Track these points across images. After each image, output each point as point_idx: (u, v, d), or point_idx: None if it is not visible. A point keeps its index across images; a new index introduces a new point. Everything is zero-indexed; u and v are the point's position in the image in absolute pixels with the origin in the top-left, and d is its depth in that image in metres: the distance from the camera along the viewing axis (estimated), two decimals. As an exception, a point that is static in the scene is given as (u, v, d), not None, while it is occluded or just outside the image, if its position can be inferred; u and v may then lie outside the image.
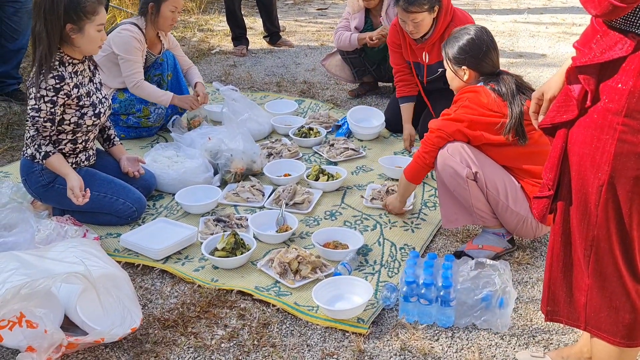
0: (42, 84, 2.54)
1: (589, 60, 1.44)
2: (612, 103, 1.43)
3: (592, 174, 1.49)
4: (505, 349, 2.11)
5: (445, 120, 2.52)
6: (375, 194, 3.10)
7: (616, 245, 1.52)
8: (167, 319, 2.22)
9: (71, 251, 2.20)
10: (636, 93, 1.39)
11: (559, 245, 1.63)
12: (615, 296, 1.56)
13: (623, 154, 1.44)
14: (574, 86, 1.49)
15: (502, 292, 2.18)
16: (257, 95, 4.57)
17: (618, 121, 1.43)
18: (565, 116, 1.52)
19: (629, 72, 1.40)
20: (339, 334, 2.17)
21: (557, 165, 1.57)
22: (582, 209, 1.54)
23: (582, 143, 1.50)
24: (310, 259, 2.48)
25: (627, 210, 1.48)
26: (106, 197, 2.74)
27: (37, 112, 2.57)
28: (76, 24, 2.56)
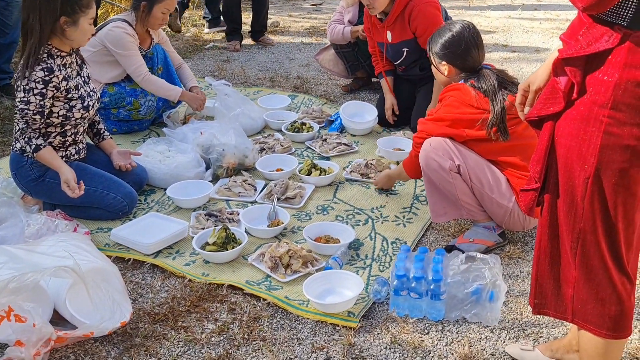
0: (31, 76, 2.53)
1: (576, 52, 1.44)
2: (598, 95, 1.43)
3: (578, 167, 1.49)
4: (495, 342, 2.11)
5: (430, 120, 2.59)
6: (355, 167, 3.26)
7: (602, 237, 1.52)
8: (157, 313, 2.22)
9: (61, 245, 2.19)
10: (622, 85, 1.39)
11: (546, 238, 1.63)
12: (601, 288, 1.56)
13: (609, 146, 1.44)
14: (560, 78, 1.49)
15: (492, 285, 2.18)
16: (250, 91, 4.56)
17: (604, 113, 1.42)
18: (552, 108, 1.52)
19: (614, 65, 1.40)
20: (330, 328, 2.17)
21: (544, 157, 1.57)
22: (569, 202, 1.54)
23: (569, 135, 1.50)
24: (302, 253, 2.47)
25: (612, 203, 1.48)
26: (97, 192, 2.73)
27: (26, 105, 2.55)
28: (71, 16, 2.55)
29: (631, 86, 1.38)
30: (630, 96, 1.39)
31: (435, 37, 2.62)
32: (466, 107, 2.46)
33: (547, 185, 1.60)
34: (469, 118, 2.47)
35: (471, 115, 2.46)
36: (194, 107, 3.63)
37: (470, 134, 2.49)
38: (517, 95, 1.72)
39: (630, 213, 1.51)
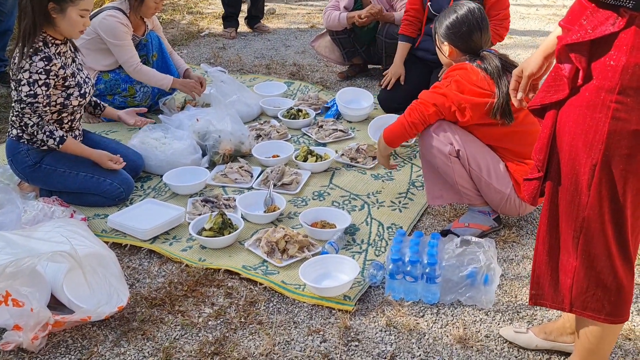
0: (32, 67, 2.51)
1: (580, 37, 1.41)
2: (604, 80, 1.40)
3: (584, 154, 1.47)
4: (489, 324, 2.13)
5: (437, 94, 2.48)
6: (346, 151, 3.27)
7: (609, 224, 1.51)
8: (154, 298, 2.23)
9: (57, 231, 2.20)
10: (629, 69, 1.37)
11: (545, 228, 1.62)
12: (603, 275, 1.56)
13: (617, 132, 1.42)
14: (564, 65, 1.47)
15: (487, 268, 2.20)
16: (247, 78, 4.55)
17: (611, 99, 1.40)
18: (555, 96, 1.49)
19: (621, 49, 1.37)
20: (326, 311, 2.19)
21: (547, 146, 1.55)
22: (572, 190, 1.52)
23: (574, 122, 1.47)
24: (298, 238, 2.49)
25: (621, 189, 1.47)
26: (93, 178, 2.73)
27: (34, 98, 2.54)
28: (59, 3, 2.53)
29: (639, 70, 1.36)
30: (638, 80, 1.37)
31: (442, 17, 2.61)
32: (474, 87, 2.43)
33: (549, 175, 1.58)
34: (476, 101, 2.42)
35: (478, 99, 2.42)
36: (188, 92, 3.61)
37: (472, 119, 2.46)
38: (511, 80, 1.71)
39: (638, 199, 1.49)
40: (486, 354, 1.99)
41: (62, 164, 2.71)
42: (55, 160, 2.70)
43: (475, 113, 2.44)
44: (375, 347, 2.02)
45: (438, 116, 2.48)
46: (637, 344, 2.02)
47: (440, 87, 2.51)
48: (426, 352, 2.01)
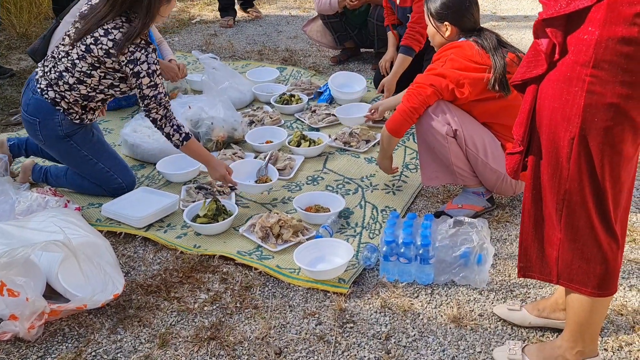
0: (149, 58, 2.47)
1: (556, 12, 1.43)
2: (579, 55, 1.42)
3: (562, 128, 1.49)
4: (483, 303, 2.15)
5: (433, 75, 2.46)
6: (339, 135, 3.29)
7: (589, 197, 1.53)
8: (150, 285, 2.24)
9: (51, 220, 2.20)
10: (602, 43, 1.39)
11: (529, 201, 1.64)
12: (587, 248, 1.58)
13: (592, 105, 1.44)
14: (542, 40, 1.49)
15: (480, 248, 2.21)
16: (239, 64, 4.53)
17: (586, 72, 1.42)
18: (534, 71, 1.51)
19: (594, 22, 1.39)
20: (321, 295, 2.20)
21: (527, 120, 1.57)
22: (553, 164, 1.54)
23: (552, 97, 1.50)
24: (292, 222, 2.49)
25: (599, 162, 1.49)
26: (108, 173, 2.74)
27: (155, 89, 2.50)
28: None
29: (612, 43, 1.38)
30: (611, 53, 1.39)
31: None
32: (470, 62, 2.42)
33: (531, 149, 1.60)
34: (473, 76, 2.41)
35: (475, 74, 2.41)
36: (169, 77, 3.58)
37: (471, 95, 2.43)
38: None
39: (617, 171, 1.51)
40: (480, 332, 2.01)
41: (87, 147, 2.69)
42: (82, 142, 2.68)
43: (474, 89, 2.43)
44: (370, 328, 2.04)
45: (437, 97, 2.47)
46: (629, 319, 2.04)
47: (435, 67, 2.49)
48: (420, 332, 2.02)
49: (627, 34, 1.36)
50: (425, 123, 2.50)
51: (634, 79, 1.40)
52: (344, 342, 1.98)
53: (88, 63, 2.51)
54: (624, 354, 1.91)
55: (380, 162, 2.74)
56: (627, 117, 1.44)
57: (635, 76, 1.39)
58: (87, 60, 2.50)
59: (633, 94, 1.41)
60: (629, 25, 1.36)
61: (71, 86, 2.55)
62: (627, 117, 1.44)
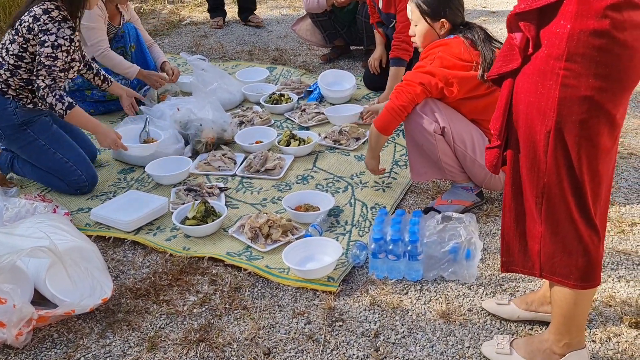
0: (59, 32, 2.54)
1: (528, 6, 1.43)
2: (552, 48, 1.43)
3: (538, 121, 1.49)
4: (472, 298, 2.15)
5: (422, 73, 2.44)
6: (329, 134, 3.28)
7: (568, 190, 1.53)
8: (139, 289, 2.24)
9: (38, 226, 2.20)
10: (575, 36, 1.39)
11: (510, 195, 1.64)
12: (568, 240, 1.58)
13: (567, 98, 1.44)
14: (515, 34, 1.49)
15: (468, 243, 2.21)
16: (229, 65, 4.52)
17: (560, 66, 1.42)
18: (510, 66, 1.52)
19: (566, 15, 1.39)
20: (310, 294, 2.20)
21: (504, 114, 1.57)
22: (531, 157, 1.54)
23: (528, 91, 1.49)
24: (281, 222, 2.49)
25: (575, 155, 1.49)
26: (67, 164, 2.74)
27: (53, 61, 2.56)
28: None
29: (584, 36, 1.38)
30: (583, 46, 1.39)
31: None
32: (457, 60, 2.41)
33: (509, 143, 1.60)
34: (461, 76, 2.40)
35: (463, 73, 2.40)
36: (151, 84, 3.58)
37: (459, 93, 2.43)
38: None
39: (594, 164, 1.51)
40: (469, 327, 2.01)
41: (45, 137, 2.71)
42: (40, 131, 2.70)
43: (462, 87, 2.43)
44: (359, 326, 2.04)
45: (425, 95, 2.45)
46: (618, 310, 2.04)
47: (424, 65, 2.47)
48: (409, 328, 2.02)
49: (598, 26, 1.36)
50: (413, 121, 2.50)
51: (608, 72, 1.40)
52: (333, 341, 1.98)
53: (18, 45, 2.59)
54: (612, 345, 1.91)
55: (368, 161, 2.73)
56: (602, 110, 1.44)
57: (609, 69, 1.39)
58: (17, 42, 2.59)
59: (607, 86, 1.41)
60: (600, 18, 1.36)
61: (12, 72, 2.61)
62: (602, 110, 1.44)
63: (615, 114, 1.46)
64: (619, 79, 1.41)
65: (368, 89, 3.95)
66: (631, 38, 1.38)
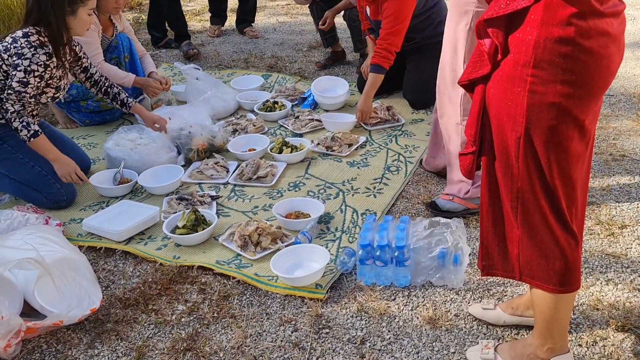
0: (34, 57, 2.55)
1: (495, 12, 1.44)
2: (519, 55, 1.43)
3: (509, 127, 1.50)
4: (459, 303, 2.15)
5: None
6: (321, 140, 3.31)
7: (540, 195, 1.53)
8: (128, 299, 2.25)
9: (28, 238, 2.22)
10: (540, 43, 1.40)
11: (487, 200, 1.65)
12: (544, 245, 1.58)
13: (535, 104, 1.45)
14: (484, 40, 1.50)
15: (455, 248, 2.21)
16: (224, 73, 4.55)
17: (527, 72, 1.43)
18: (480, 72, 1.53)
19: (532, 23, 1.40)
20: (298, 301, 2.21)
21: (477, 120, 1.58)
22: (505, 162, 1.55)
23: (497, 97, 1.50)
24: (271, 230, 2.50)
25: (545, 161, 1.49)
26: (47, 176, 2.75)
27: (24, 87, 2.57)
28: (70, 6, 2.60)
29: (550, 43, 1.39)
30: (550, 53, 1.39)
31: None
32: None
33: (483, 148, 1.61)
34: None
35: None
36: (148, 92, 3.60)
37: None
38: None
39: (566, 169, 1.52)
40: (455, 333, 2.01)
41: (23, 151, 2.72)
42: (18, 145, 2.71)
43: None
44: (346, 333, 2.04)
45: None
46: (605, 314, 2.04)
47: None
48: (396, 334, 2.02)
49: (563, 34, 1.37)
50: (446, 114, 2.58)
51: (575, 78, 1.40)
52: (319, 348, 1.98)
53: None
54: (598, 349, 1.90)
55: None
56: (570, 116, 1.44)
57: (575, 75, 1.40)
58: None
59: (574, 92, 1.42)
60: (565, 26, 1.37)
61: (19, 112, 2.62)
62: (571, 116, 1.44)
63: (584, 120, 1.47)
64: (587, 85, 1.42)
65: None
66: (597, 45, 1.39)
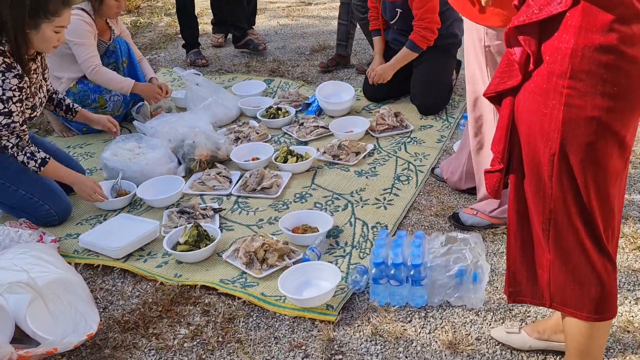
0: (5, 84, 2.38)
1: (527, 18, 1.31)
2: (555, 65, 1.30)
3: (542, 144, 1.37)
4: (480, 325, 2.02)
5: None
6: (328, 149, 3.15)
7: (576, 217, 1.40)
8: (127, 321, 2.12)
9: (20, 257, 2.09)
10: (579, 51, 1.27)
11: (515, 222, 1.52)
12: (578, 270, 1.46)
13: (572, 119, 1.32)
14: (515, 49, 1.37)
15: (475, 266, 2.08)
16: (225, 78, 4.41)
17: (563, 84, 1.30)
18: (509, 83, 1.40)
19: (569, 29, 1.27)
20: (308, 323, 2.08)
21: (506, 136, 1.45)
22: (536, 182, 1.42)
23: (529, 111, 1.37)
24: (277, 246, 2.37)
25: (582, 181, 1.37)
26: (32, 200, 2.61)
27: (9, 117, 2.42)
28: (33, 19, 2.39)
29: (589, 52, 1.26)
30: (589, 63, 1.27)
31: None
32: None
33: (511, 166, 1.48)
34: None
35: None
36: (149, 99, 3.47)
37: None
38: None
39: (603, 188, 1.39)
40: (477, 359, 1.88)
41: (4, 176, 2.58)
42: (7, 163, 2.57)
43: None
44: (361, 359, 1.91)
45: None
46: (637, 337, 1.91)
47: None
48: (414, 361, 1.89)
49: (605, 41, 1.24)
50: None
51: (616, 90, 1.27)
52: (332, 376, 1.86)
53: None
54: (633, 377, 1.78)
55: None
56: (610, 131, 1.31)
57: (617, 86, 1.27)
58: None
59: (615, 106, 1.29)
60: (607, 32, 1.24)
61: (17, 145, 2.50)
62: (610, 131, 1.31)
63: (625, 135, 1.34)
64: (629, 97, 1.29)
65: (368, 100, 3.83)
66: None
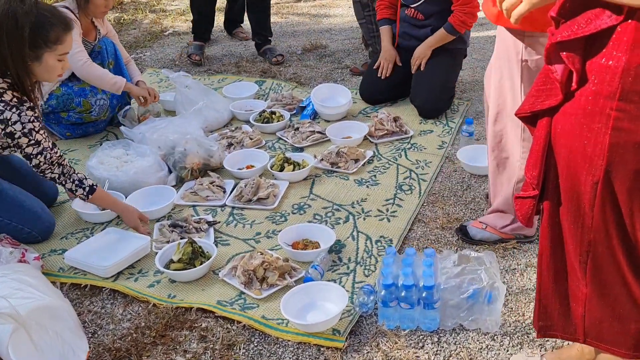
0: (22, 117, 2.22)
1: (573, 33, 1.18)
2: (602, 84, 1.18)
3: (584, 170, 1.25)
4: (497, 351, 1.90)
5: None
6: (325, 156, 3.02)
7: (618, 249, 1.29)
8: (118, 349, 1.97)
9: (1, 282, 1.92)
10: (631, 71, 1.15)
11: (548, 252, 1.40)
12: (619, 304, 1.35)
13: (620, 144, 1.20)
14: (555, 66, 1.24)
15: (490, 288, 1.96)
16: (215, 79, 4.25)
17: (611, 106, 1.18)
18: (547, 102, 1.27)
19: (620, 45, 1.15)
20: (314, 350, 1.94)
21: (542, 160, 1.33)
22: (575, 210, 1.30)
23: (570, 134, 1.25)
24: (278, 263, 2.23)
25: (627, 211, 1.25)
26: (11, 224, 2.44)
27: (38, 146, 2.27)
28: (33, 50, 2.22)
29: None
30: None
31: None
32: None
33: (546, 192, 1.36)
34: None
35: None
36: (138, 100, 3.29)
37: None
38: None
39: None
40: (497, 390, 1.77)
41: None
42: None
43: None
44: (372, 391, 1.79)
45: None
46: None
47: None
48: (429, 392, 1.77)
49: None
50: None
51: None
52: (343, 411, 1.73)
53: None
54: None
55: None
56: None
57: None
58: None
59: None
60: None
61: (62, 174, 2.38)
62: None
63: None
64: None
65: (365, 102, 3.70)
66: None
